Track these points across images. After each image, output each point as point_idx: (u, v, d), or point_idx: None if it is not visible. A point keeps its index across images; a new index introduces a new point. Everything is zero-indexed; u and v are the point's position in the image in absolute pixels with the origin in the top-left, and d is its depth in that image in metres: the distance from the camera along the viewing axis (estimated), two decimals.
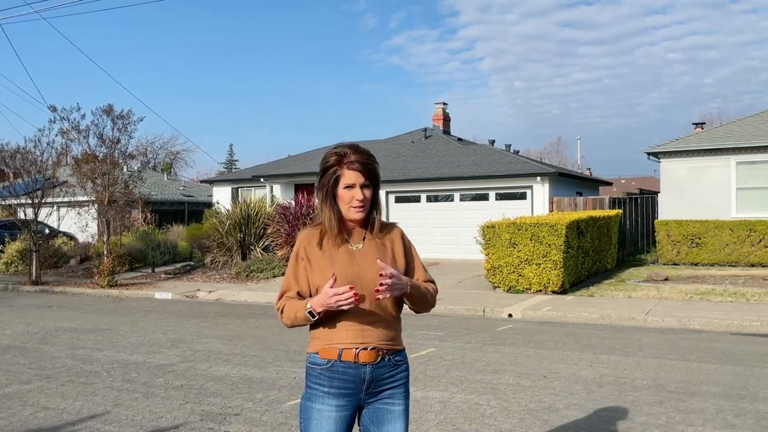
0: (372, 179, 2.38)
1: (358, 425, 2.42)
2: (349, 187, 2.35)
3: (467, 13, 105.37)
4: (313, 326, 2.38)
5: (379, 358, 2.34)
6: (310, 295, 2.38)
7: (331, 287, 2.21)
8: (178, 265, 18.59)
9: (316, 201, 2.49)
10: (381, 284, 2.22)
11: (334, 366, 2.32)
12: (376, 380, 2.34)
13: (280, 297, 2.44)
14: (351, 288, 2.21)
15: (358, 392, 2.33)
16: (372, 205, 2.42)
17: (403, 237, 2.51)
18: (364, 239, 2.41)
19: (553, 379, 6.18)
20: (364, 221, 2.43)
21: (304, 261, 2.39)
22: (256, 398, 5.61)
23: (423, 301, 2.46)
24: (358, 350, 2.31)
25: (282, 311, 2.40)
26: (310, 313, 2.27)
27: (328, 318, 2.33)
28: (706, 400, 5.37)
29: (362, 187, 2.35)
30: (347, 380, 2.32)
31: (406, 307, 2.51)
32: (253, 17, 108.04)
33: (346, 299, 2.19)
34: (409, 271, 2.47)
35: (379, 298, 2.25)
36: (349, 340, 2.31)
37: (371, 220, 2.44)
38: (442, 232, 19.51)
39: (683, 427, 4.72)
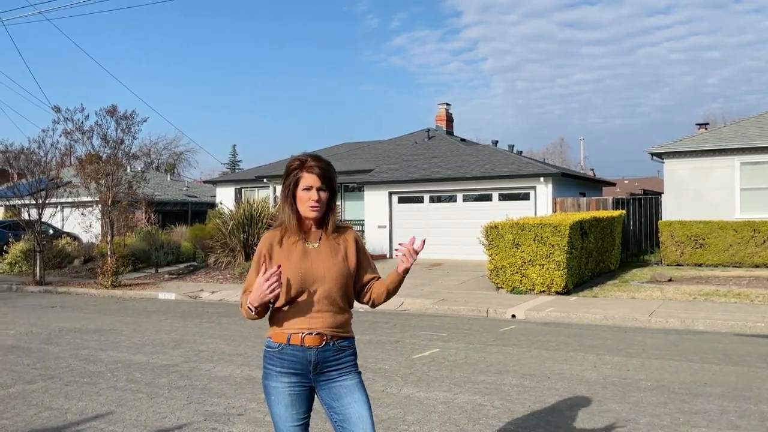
0: (328, 184, 2.66)
1: (323, 405, 2.69)
2: (307, 189, 2.63)
3: (469, 13, 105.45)
4: (270, 315, 2.68)
5: (324, 342, 2.63)
6: None
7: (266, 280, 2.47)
8: (182, 266, 18.63)
9: (279, 203, 2.77)
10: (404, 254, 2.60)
11: (284, 349, 2.63)
12: (322, 362, 2.63)
13: (244, 292, 2.69)
14: (277, 268, 2.48)
15: (306, 372, 2.63)
16: (328, 209, 2.69)
17: (356, 239, 2.79)
18: (320, 239, 2.70)
19: (557, 380, 6.17)
20: (321, 223, 2.71)
21: (266, 258, 2.67)
22: (259, 398, 5.61)
23: (397, 290, 2.78)
24: (303, 335, 2.61)
25: (241, 305, 2.67)
26: (249, 308, 2.57)
27: (282, 308, 2.63)
28: (710, 401, 5.36)
29: (318, 189, 2.63)
30: (295, 361, 2.62)
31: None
32: (255, 18, 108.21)
33: (271, 283, 2.45)
34: (360, 269, 2.76)
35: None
36: (297, 326, 2.61)
37: (326, 223, 2.70)
38: (445, 232, 19.50)
39: (687, 428, 4.71)
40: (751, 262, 15.37)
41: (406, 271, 2.67)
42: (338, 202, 23.05)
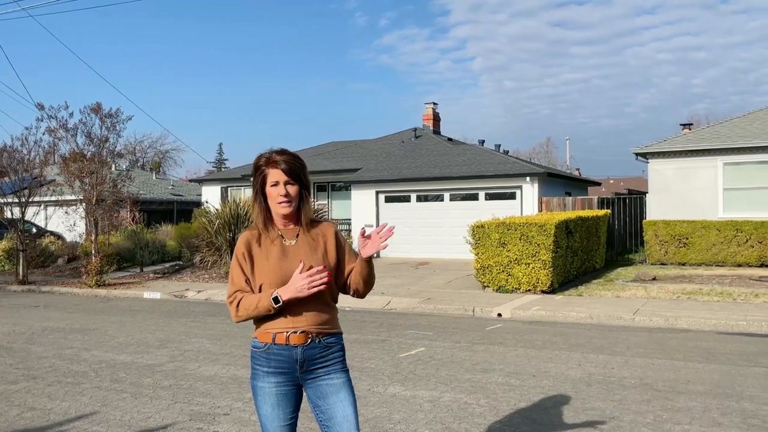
0: (296, 178, 2.62)
1: (309, 403, 2.69)
2: (275, 184, 2.61)
3: (458, 12, 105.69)
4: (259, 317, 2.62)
5: (309, 340, 2.60)
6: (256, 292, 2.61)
7: (300, 272, 2.50)
8: (167, 265, 18.50)
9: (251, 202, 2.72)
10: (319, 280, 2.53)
11: (270, 349, 2.60)
12: (309, 360, 2.61)
13: (233, 292, 2.63)
14: (324, 267, 2.49)
15: (293, 371, 2.61)
16: (301, 203, 2.66)
17: (336, 234, 2.75)
18: (297, 235, 2.67)
19: (542, 378, 6.21)
20: (295, 219, 2.67)
21: (246, 258, 2.63)
22: (245, 398, 5.60)
23: (371, 276, 2.70)
24: (288, 334, 2.58)
25: (238, 304, 2.59)
26: (275, 299, 2.50)
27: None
28: (693, 399, 5.42)
29: (286, 184, 2.60)
30: (282, 360, 2.60)
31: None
32: (242, 15, 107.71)
33: (320, 279, 2.46)
34: (340, 264, 2.72)
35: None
36: (282, 326, 2.59)
37: (301, 217, 2.68)
38: (432, 231, 19.54)
39: (670, 426, 4.75)
40: (734, 261, 15.55)
41: (370, 258, 2.63)
42: (324, 201, 23.02)
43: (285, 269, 2.58)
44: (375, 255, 2.62)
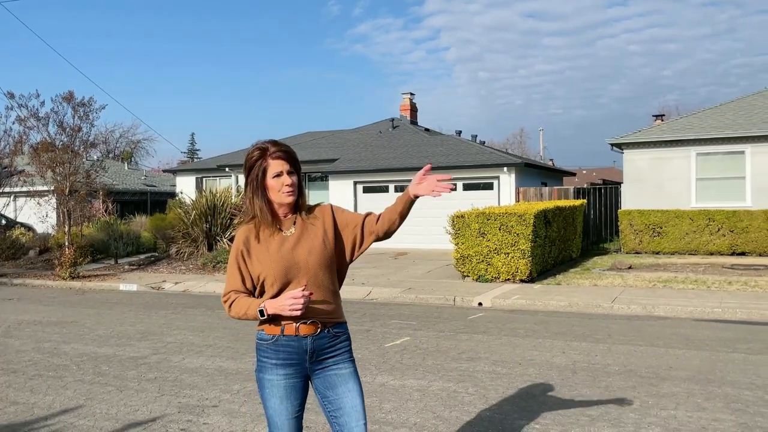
0: (296, 167, 2.62)
1: (316, 394, 2.68)
2: (278, 175, 2.57)
3: (432, 1, 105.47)
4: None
5: (318, 330, 2.59)
6: (254, 287, 2.60)
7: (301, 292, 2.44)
8: (142, 257, 18.25)
9: (245, 197, 2.66)
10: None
11: (278, 340, 2.57)
12: (318, 350, 2.60)
13: (228, 291, 2.62)
14: (310, 295, 2.45)
15: (302, 362, 2.59)
16: (299, 191, 2.64)
17: (333, 213, 2.69)
18: (294, 224, 2.64)
19: (528, 366, 6.28)
20: (293, 208, 2.65)
21: (244, 255, 2.61)
22: (233, 389, 5.56)
23: (405, 215, 2.69)
24: (298, 324, 2.55)
25: (231, 305, 2.59)
26: (260, 311, 2.49)
27: (271, 299, 2.54)
28: (676, 385, 5.53)
29: (289, 173, 2.58)
30: (291, 352, 2.57)
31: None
32: (213, 4, 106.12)
33: (302, 304, 2.41)
34: (347, 229, 2.67)
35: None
36: (290, 317, 2.51)
37: (299, 206, 2.66)
38: (411, 222, 19.21)
39: (657, 411, 4.85)
40: (706, 249, 15.87)
41: (416, 197, 2.61)
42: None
43: (287, 259, 2.56)
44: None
